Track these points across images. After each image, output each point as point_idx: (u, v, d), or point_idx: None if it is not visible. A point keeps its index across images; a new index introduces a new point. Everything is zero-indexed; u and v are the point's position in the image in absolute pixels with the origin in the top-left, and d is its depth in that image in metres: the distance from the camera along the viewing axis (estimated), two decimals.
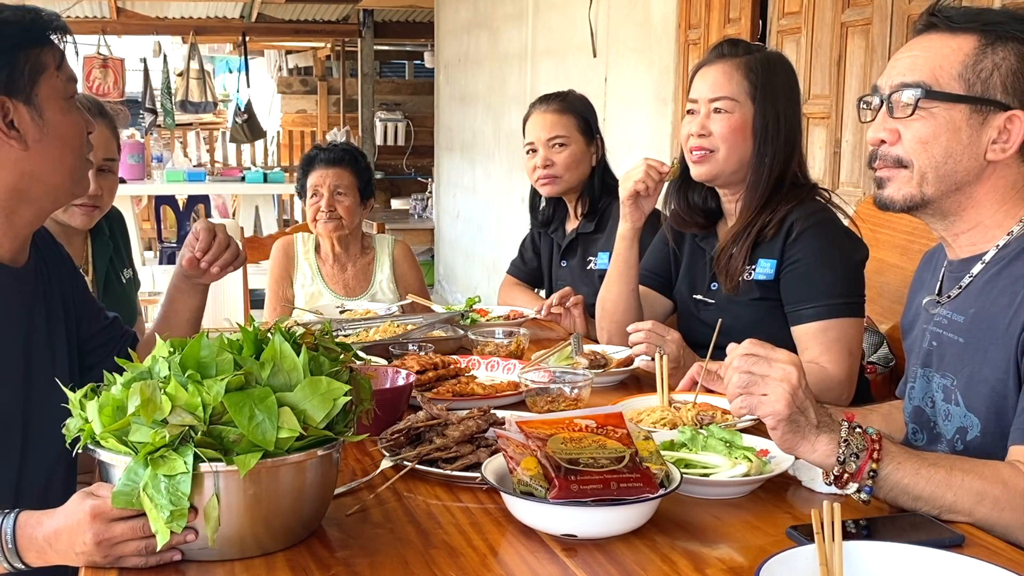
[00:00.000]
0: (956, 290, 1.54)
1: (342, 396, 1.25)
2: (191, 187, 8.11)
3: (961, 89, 1.46)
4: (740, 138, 2.07)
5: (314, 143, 3.21)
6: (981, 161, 1.48)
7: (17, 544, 1.25)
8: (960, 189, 1.50)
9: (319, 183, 3.09)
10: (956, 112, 1.47)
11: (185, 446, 1.18)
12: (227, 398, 1.19)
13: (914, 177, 1.50)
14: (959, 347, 1.51)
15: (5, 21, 1.51)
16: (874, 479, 1.33)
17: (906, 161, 1.50)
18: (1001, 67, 1.45)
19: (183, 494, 1.17)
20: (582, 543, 1.28)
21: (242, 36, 11.03)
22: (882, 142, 1.53)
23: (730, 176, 2.11)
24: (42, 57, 1.53)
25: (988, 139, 1.47)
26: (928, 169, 1.49)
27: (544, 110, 2.86)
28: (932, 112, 1.47)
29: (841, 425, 1.36)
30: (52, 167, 1.55)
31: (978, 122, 1.46)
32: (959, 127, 1.47)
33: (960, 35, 1.47)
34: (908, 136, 1.49)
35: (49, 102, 1.53)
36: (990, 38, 1.46)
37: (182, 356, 1.24)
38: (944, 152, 1.48)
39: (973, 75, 1.46)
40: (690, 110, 2.14)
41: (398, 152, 11.77)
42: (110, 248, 2.52)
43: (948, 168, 1.48)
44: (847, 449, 1.34)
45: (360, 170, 3.15)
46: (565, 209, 2.97)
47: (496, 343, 2.29)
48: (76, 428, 1.26)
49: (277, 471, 1.23)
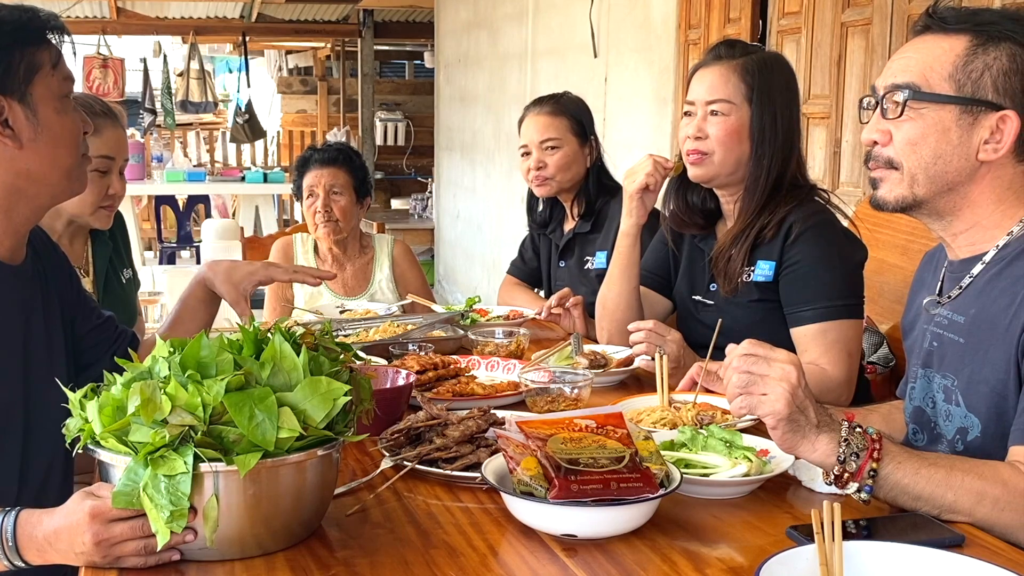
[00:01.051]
0: (956, 290, 1.54)
1: (342, 396, 1.25)
2: (191, 187, 8.12)
3: (951, 90, 1.46)
4: (736, 141, 2.07)
5: (313, 143, 3.19)
6: (973, 162, 1.47)
7: (18, 542, 1.25)
8: (953, 189, 1.50)
9: (314, 183, 3.09)
10: (945, 113, 1.47)
11: (185, 446, 1.18)
12: (227, 398, 1.19)
13: (904, 178, 1.50)
14: (959, 347, 1.51)
15: (1, 20, 1.51)
16: (874, 479, 1.33)
17: (896, 163, 1.51)
18: (992, 67, 1.45)
19: (183, 494, 1.17)
20: (582, 543, 1.28)
21: (242, 36, 11.03)
22: (875, 143, 1.53)
23: (727, 178, 2.11)
24: (38, 56, 1.52)
25: (979, 139, 1.46)
26: (918, 170, 1.49)
27: (537, 112, 2.88)
28: (921, 113, 1.47)
29: (841, 425, 1.36)
30: (48, 166, 1.55)
31: (968, 123, 1.46)
32: (948, 128, 1.47)
33: (953, 36, 1.47)
34: (898, 137, 1.50)
35: (44, 101, 1.53)
36: (982, 38, 1.45)
37: (182, 356, 1.24)
38: (933, 153, 1.48)
39: (963, 76, 1.45)
40: (687, 112, 2.14)
41: (398, 152, 11.77)
42: (109, 248, 2.52)
43: (938, 169, 1.48)
44: (847, 448, 1.34)
45: (355, 169, 3.15)
46: (563, 210, 2.98)
47: (496, 343, 2.29)
48: (76, 428, 1.26)
49: (277, 471, 1.23)
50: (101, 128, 2.25)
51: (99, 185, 2.28)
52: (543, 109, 2.87)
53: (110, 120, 2.29)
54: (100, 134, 2.25)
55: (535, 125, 2.86)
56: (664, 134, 4.48)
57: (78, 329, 1.76)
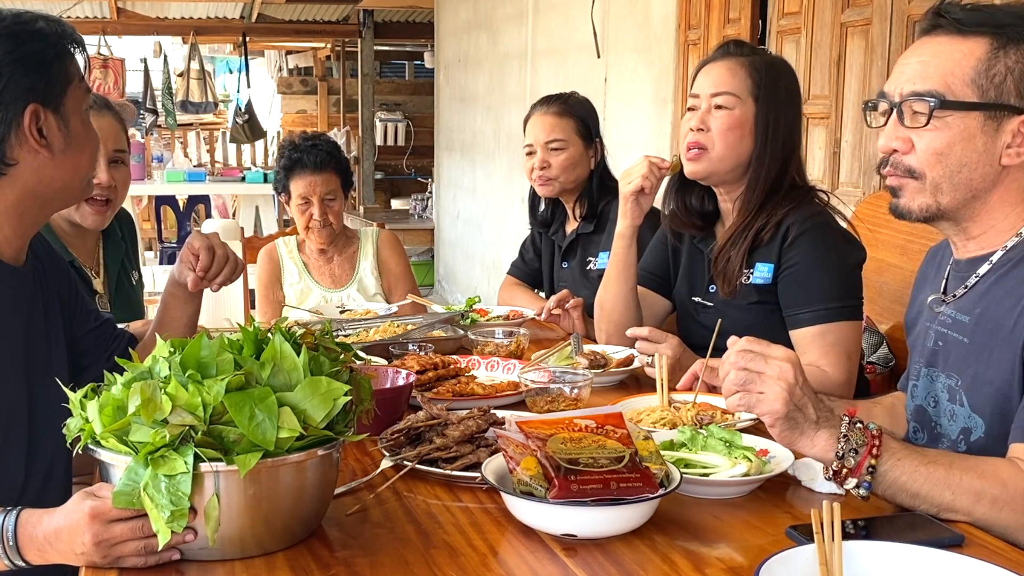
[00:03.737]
0: (962, 290, 1.53)
1: (342, 396, 1.25)
2: (191, 187, 8.12)
3: (975, 96, 1.43)
4: (737, 136, 2.06)
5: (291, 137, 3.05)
6: (996, 167, 1.45)
7: (18, 542, 1.25)
8: (977, 196, 1.48)
9: (308, 192, 3.03)
10: (971, 120, 1.44)
11: (185, 446, 1.18)
12: (227, 398, 1.19)
13: (927, 187, 1.48)
14: (964, 347, 1.50)
15: (43, 32, 1.55)
16: (872, 475, 1.33)
17: (918, 172, 1.48)
18: (1015, 70, 1.42)
19: (183, 494, 1.17)
20: (582, 543, 1.28)
21: (242, 36, 11.03)
22: (894, 150, 1.50)
23: (725, 175, 2.10)
24: (69, 68, 1.58)
25: (1003, 144, 1.44)
26: (943, 180, 1.47)
27: (544, 112, 2.87)
28: (946, 121, 1.44)
29: (842, 420, 1.36)
30: (71, 174, 1.60)
31: (992, 128, 1.44)
32: (974, 135, 1.44)
33: (970, 38, 1.44)
34: (922, 146, 1.46)
35: (73, 113, 1.58)
36: (1001, 40, 1.42)
37: (182, 356, 1.24)
38: (959, 162, 1.45)
39: (986, 80, 1.42)
40: (691, 106, 2.13)
41: (398, 152, 11.77)
42: (122, 250, 2.52)
43: (963, 177, 1.46)
44: (846, 444, 1.34)
45: (343, 169, 3.11)
46: (565, 211, 2.98)
47: (496, 343, 2.29)
48: (77, 428, 1.26)
49: (277, 471, 1.23)
50: None
51: None
52: (550, 109, 2.86)
53: (96, 108, 2.26)
54: None
55: (541, 125, 2.85)
56: (664, 134, 4.48)
57: (76, 331, 1.77)
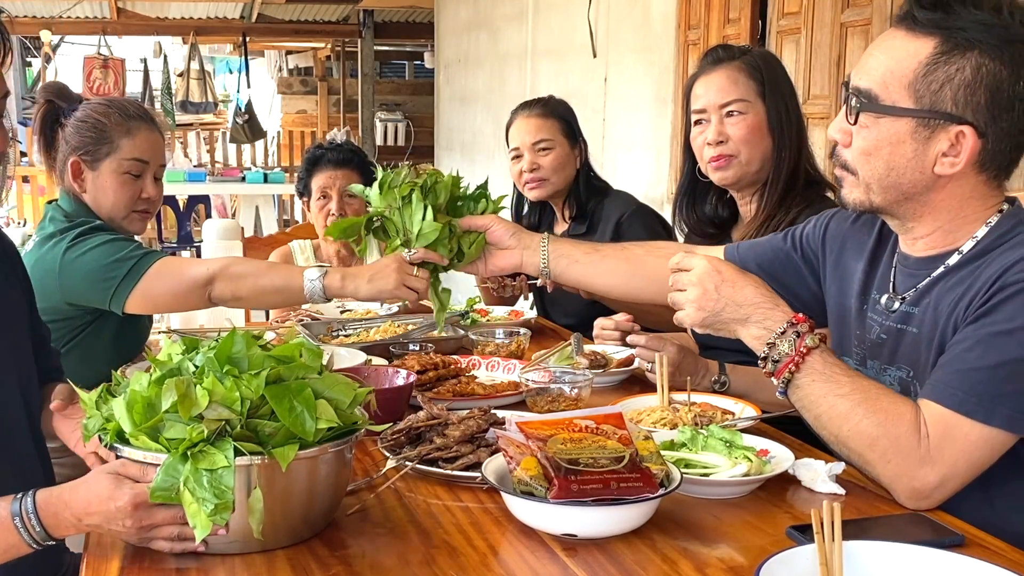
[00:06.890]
0: (913, 292, 1.52)
1: (359, 388, 1.30)
2: (191, 187, 8.11)
3: (908, 100, 1.41)
4: (759, 137, 2.10)
5: (319, 142, 3.07)
6: (928, 174, 1.43)
7: (44, 523, 1.25)
8: (911, 198, 1.47)
9: (328, 185, 3.05)
10: (901, 124, 1.42)
11: (222, 440, 1.19)
12: (268, 391, 1.21)
13: (860, 184, 1.49)
14: (914, 338, 1.50)
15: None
16: (787, 385, 1.44)
17: (852, 168, 1.49)
18: (954, 79, 1.38)
19: (227, 487, 1.18)
20: (582, 543, 1.28)
21: (242, 36, 11.03)
22: (836, 142, 1.51)
23: (754, 176, 2.13)
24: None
25: (936, 152, 1.41)
26: (872, 180, 1.47)
27: (527, 115, 2.88)
28: (876, 121, 1.44)
29: (780, 324, 1.44)
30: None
31: (924, 136, 1.41)
32: (903, 140, 1.42)
33: (920, 38, 1.41)
34: (856, 143, 1.47)
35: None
36: (949, 45, 1.39)
37: (216, 351, 1.25)
38: (886, 165, 1.45)
39: (923, 86, 1.40)
40: (698, 121, 2.14)
41: (398, 152, 11.76)
42: None
43: (891, 180, 1.45)
44: (771, 350, 1.45)
45: (366, 171, 3.13)
46: (552, 214, 2.98)
47: (496, 343, 2.29)
48: (96, 428, 1.27)
49: (316, 461, 1.25)
50: (135, 131, 2.24)
51: (131, 188, 2.26)
52: (533, 111, 2.88)
53: (145, 124, 2.28)
54: (133, 137, 2.24)
55: (527, 127, 2.86)
56: (664, 134, 4.47)
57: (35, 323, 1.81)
